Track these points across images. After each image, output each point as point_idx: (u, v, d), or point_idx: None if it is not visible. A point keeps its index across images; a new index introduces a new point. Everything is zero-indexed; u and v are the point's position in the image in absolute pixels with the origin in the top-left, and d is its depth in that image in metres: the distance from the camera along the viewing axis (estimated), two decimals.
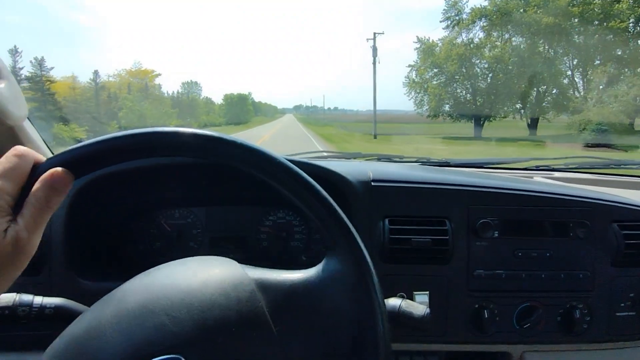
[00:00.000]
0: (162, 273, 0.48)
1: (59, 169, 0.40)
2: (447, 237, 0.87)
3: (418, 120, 27.66)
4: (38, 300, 0.58)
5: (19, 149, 0.40)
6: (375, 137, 21.03)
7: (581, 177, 1.39)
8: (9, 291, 0.63)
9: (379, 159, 1.41)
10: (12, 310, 0.57)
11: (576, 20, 20.85)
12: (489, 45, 23.74)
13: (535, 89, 22.21)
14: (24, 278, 0.84)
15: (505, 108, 23.57)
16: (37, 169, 0.41)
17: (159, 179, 0.97)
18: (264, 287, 0.45)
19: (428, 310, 0.57)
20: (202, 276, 0.45)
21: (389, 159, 1.41)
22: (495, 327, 0.88)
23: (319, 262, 1.03)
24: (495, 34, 23.84)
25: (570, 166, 1.52)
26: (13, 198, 0.39)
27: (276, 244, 1.06)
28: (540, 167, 1.50)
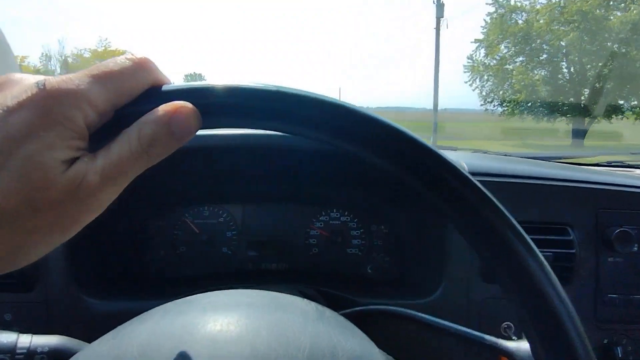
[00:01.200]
0: (252, 313, 0.29)
1: (189, 105, 0.22)
2: (573, 251, 0.66)
3: (487, 119, 17.49)
4: (25, 340, 0.42)
5: (139, 55, 0.23)
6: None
7: None
8: None
9: None
10: None
11: None
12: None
13: None
14: (12, 295, 0.65)
15: (631, 101, 13.61)
16: (154, 93, 0.23)
17: (185, 167, 0.76)
18: None
19: None
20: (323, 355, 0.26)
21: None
22: None
23: (386, 277, 0.84)
24: None
25: None
26: (100, 118, 0.22)
27: (330, 251, 0.85)
28: (613, 163, 1.30)
